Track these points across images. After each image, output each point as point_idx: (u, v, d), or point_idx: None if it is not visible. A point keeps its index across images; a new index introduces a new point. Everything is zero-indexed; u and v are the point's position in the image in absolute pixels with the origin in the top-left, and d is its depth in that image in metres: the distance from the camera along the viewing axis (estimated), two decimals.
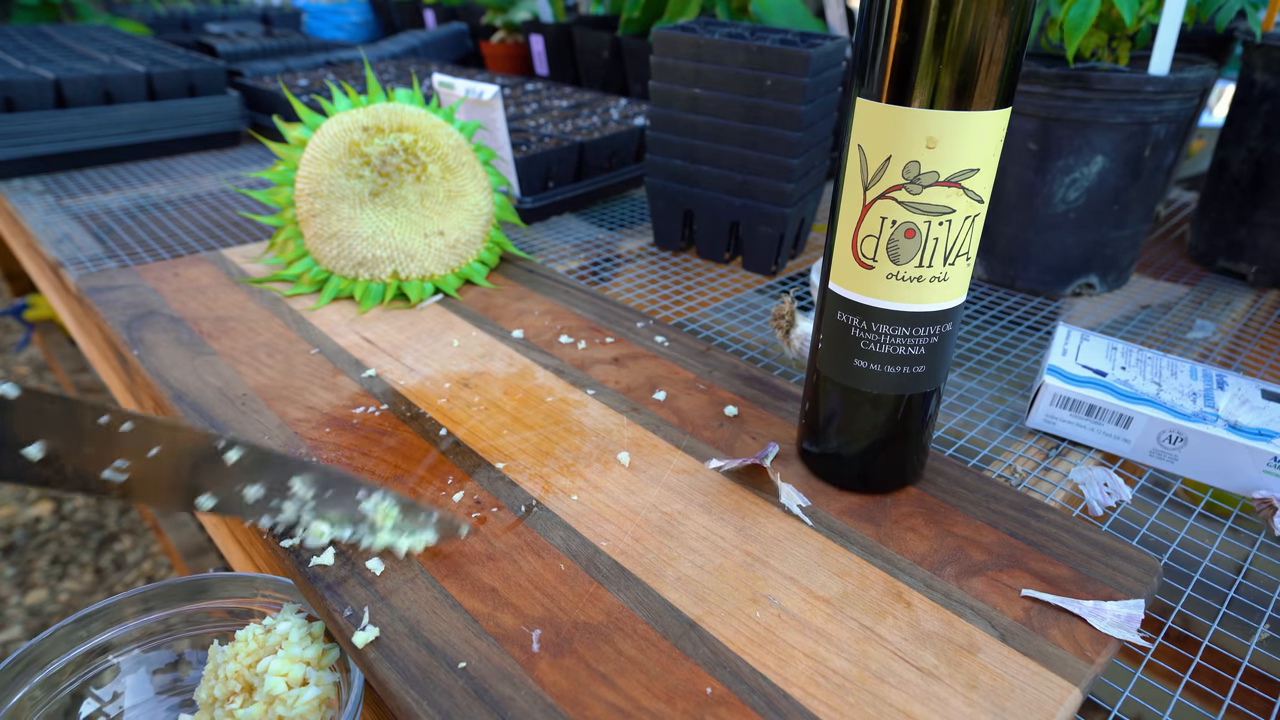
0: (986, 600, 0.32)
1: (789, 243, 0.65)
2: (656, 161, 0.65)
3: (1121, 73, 0.54)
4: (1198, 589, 0.35)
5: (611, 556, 0.33)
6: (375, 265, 0.56)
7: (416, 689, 0.27)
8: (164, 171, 0.84)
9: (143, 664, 0.33)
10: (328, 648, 0.32)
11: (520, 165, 0.70)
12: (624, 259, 0.68)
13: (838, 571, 0.33)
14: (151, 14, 1.59)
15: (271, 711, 0.29)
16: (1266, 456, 0.39)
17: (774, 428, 0.43)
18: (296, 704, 0.29)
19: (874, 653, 0.29)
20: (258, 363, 0.47)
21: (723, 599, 0.31)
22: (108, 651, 0.32)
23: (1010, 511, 0.37)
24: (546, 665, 0.28)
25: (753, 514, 0.36)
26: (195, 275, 0.58)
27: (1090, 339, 0.48)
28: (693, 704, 0.27)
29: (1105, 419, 0.43)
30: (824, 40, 0.60)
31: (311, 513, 0.33)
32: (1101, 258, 0.62)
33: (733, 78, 0.59)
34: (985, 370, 0.52)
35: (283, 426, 0.41)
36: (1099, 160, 0.57)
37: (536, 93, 1.01)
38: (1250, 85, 0.63)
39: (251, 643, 0.31)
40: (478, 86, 0.66)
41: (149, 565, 1.36)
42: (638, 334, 0.52)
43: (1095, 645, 0.30)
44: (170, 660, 0.33)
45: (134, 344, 0.48)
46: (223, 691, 0.30)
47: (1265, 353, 0.56)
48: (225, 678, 0.30)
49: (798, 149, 0.59)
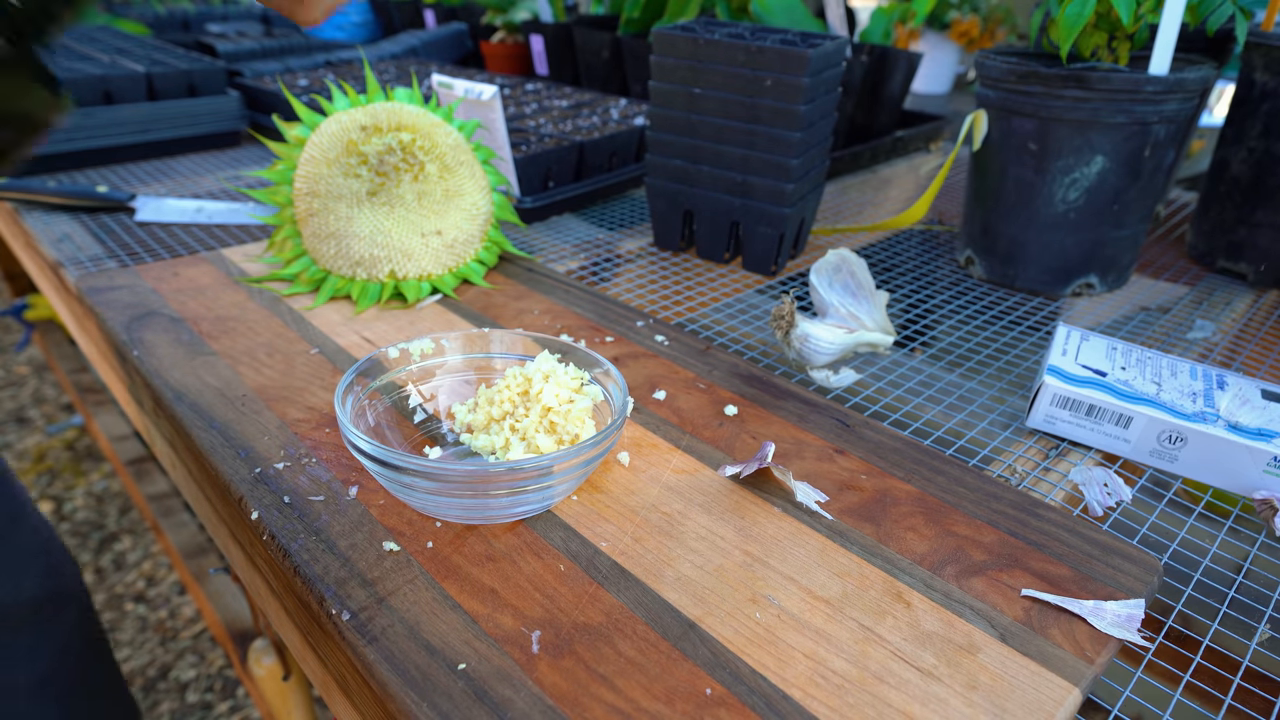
0: (986, 600, 0.32)
1: (789, 243, 0.65)
2: (656, 161, 0.65)
3: (1121, 73, 0.54)
4: (1198, 589, 0.35)
5: (611, 557, 0.33)
6: (372, 265, 0.55)
7: (416, 690, 0.27)
8: (164, 171, 0.84)
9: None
10: (583, 374, 0.39)
11: (520, 165, 0.70)
12: (624, 259, 0.68)
13: (837, 571, 0.33)
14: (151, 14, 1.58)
15: (545, 420, 0.37)
16: (1266, 456, 0.39)
17: (774, 427, 0.43)
18: (570, 414, 0.37)
19: (874, 653, 0.29)
20: (257, 363, 0.47)
21: (722, 599, 0.31)
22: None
23: (1010, 511, 0.37)
24: (546, 666, 0.28)
25: (752, 514, 0.36)
26: (195, 275, 0.58)
27: (1090, 339, 0.48)
28: (692, 705, 0.27)
29: (1105, 419, 0.43)
30: (824, 40, 0.60)
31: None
32: (1101, 258, 0.62)
33: (733, 78, 0.59)
34: (985, 370, 0.52)
35: (283, 426, 0.41)
36: (1099, 160, 0.57)
37: (536, 93, 1.01)
38: (1250, 85, 0.63)
39: (519, 377, 0.39)
40: (476, 87, 0.66)
41: (149, 565, 1.36)
42: (637, 333, 0.52)
43: (1095, 645, 0.30)
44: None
45: (134, 344, 0.48)
46: (499, 412, 0.39)
47: (1265, 353, 0.56)
48: (501, 401, 0.39)
49: (798, 149, 0.59)
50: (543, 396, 0.38)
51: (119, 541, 1.42)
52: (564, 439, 0.37)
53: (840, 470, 0.39)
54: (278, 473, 0.38)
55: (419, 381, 0.42)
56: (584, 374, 0.40)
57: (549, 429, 0.38)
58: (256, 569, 0.41)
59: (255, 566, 0.41)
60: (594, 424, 0.38)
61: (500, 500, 0.33)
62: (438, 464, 0.32)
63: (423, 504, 0.34)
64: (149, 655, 1.20)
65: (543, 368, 0.39)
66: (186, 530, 1.14)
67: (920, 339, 0.57)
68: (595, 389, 0.39)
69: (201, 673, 1.18)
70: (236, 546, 0.44)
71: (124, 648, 1.21)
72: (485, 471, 0.33)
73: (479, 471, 0.33)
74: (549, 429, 0.38)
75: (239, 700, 1.14)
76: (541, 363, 0.39)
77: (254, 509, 0.35)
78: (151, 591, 1.32)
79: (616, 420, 0.35)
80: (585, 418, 0.38)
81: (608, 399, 0.39)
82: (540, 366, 0.39)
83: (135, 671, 1.17)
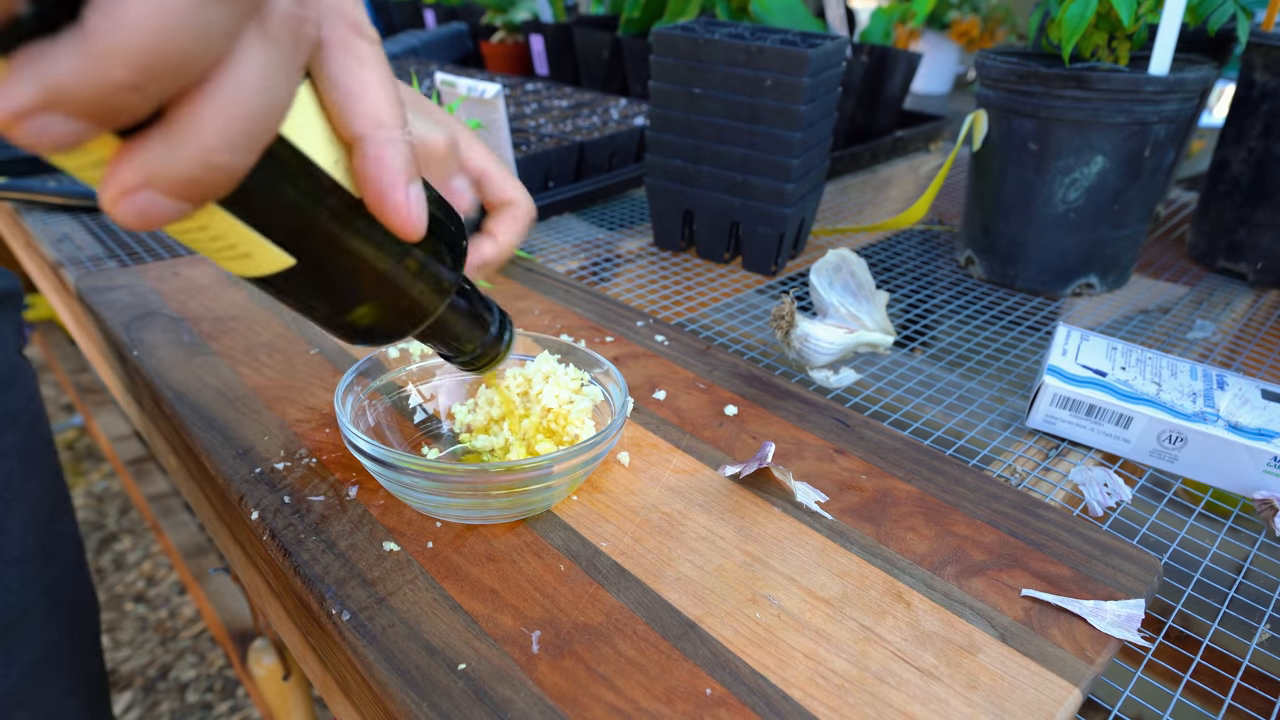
0: (986, 600, 0.32)
1: (789, 243, 0.65)
2: (656, 161, 0.65)
3: (1121, 73, 0.54)
4: (1198, 589, 0.35)
5: (611, 557, 0.33)
6: None
7: (416, 690, 0.27)
8: None
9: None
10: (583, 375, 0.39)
11: (520, 165, 0.70)
12: (624, 259, 0.68)
13: (837, 571, 0.33)
14: None
15: (545, 421, 0.38)
16: (1266, 456, 0.39)
17: (774, 427, 0.43)
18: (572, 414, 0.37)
19: (874, 653, 0.29)
20: (257, 363, 0.47)
21: (722, 599, 0.31)
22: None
23: (1010, 511, 0.37)
24: (546, 666, 0.28)
25: (752, 514, 0.36)
26: (195, 275, 0.58)
27: (1090, 339, 0.48)
28: (692, 705, 0.27)
29: (1105, 419, 0.43)
30: (824, 40, 0.60)
31: None
32: (1101, 258, 0.62)
33: (733, 78, 0.59)
34: (985, 370, 0.52)
35: (283, 426, 0.41)
36: (1099, 160, 0.57)
37: (536, 93, 1.01)
38: (1250, 85, 0.63)
39: (519, 377, 0.39)
40: (480, 85, 0.66)
41: (149, 565, 1.36)
42: (637, 333, 0.52)
43: (1095, 645, 0.30)
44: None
45: (134, 344, 0.48)
46: (499, 413, 0.39)
47: (1265, 353, 0.56)
48: (500, 402, 0.39)
49: (798, 149, 0.59)
50: (543, 397, 0.38)
51: (119, 541, 1.42)
52: (564, 439, 0.37)
53: (840, 470, 0.39)
54: (277, 473, 0.38)
55: (419, 381, 0.42)
56: (584, 374, 0.40)
57: (549, 430, 0.38)
58: (256, 569, 0.41)
59: (255, 566, 0.41)
60: (594, 424, 0.38)
61: (500, 501, 0.33)
62: (437, 464, 0.32)
63: (422, 504, 0.34)
64: (149, 655, 1.20)
65: (543, 368, 0.39)
66: (186, 530, 1.14)
67: (920, 339, 0.57)
68: (595, 389, 0.39)
69: (201, 673, 1.18)
70: (236, 546, 0.44)
71: (124, 648, 1.21)
72: (485, 472, 0.33)
73: (479, 472, 0.33)
74: (549, 430, 0.38)
75: (239, 700, 1.14)
76: (541, 363, 0.40)
77: (254, 509, 0.35)
78: (151, 591, 1.32)
79: (616, 421, 0.35)
80: (585, 418, 0.38)
81: (608, 399, 0.39)
82: (540, 367, 0.39)
83: (135, 671, 1.17)
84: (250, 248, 0.21)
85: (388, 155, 0.22)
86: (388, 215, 0.22)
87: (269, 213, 0.20)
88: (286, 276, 0.22)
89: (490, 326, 0.31)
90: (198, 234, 0.20)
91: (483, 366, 0.32)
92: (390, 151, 0.22)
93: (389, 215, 0.22)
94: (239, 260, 0.21)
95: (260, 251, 0.21)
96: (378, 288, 0.24)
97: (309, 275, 0.22)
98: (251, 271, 0.22)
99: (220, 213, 0.19)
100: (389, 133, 0.22)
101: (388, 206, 0.22)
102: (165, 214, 0.17)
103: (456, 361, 0.32)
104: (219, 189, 0.18)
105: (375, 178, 0.22)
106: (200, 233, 0.20)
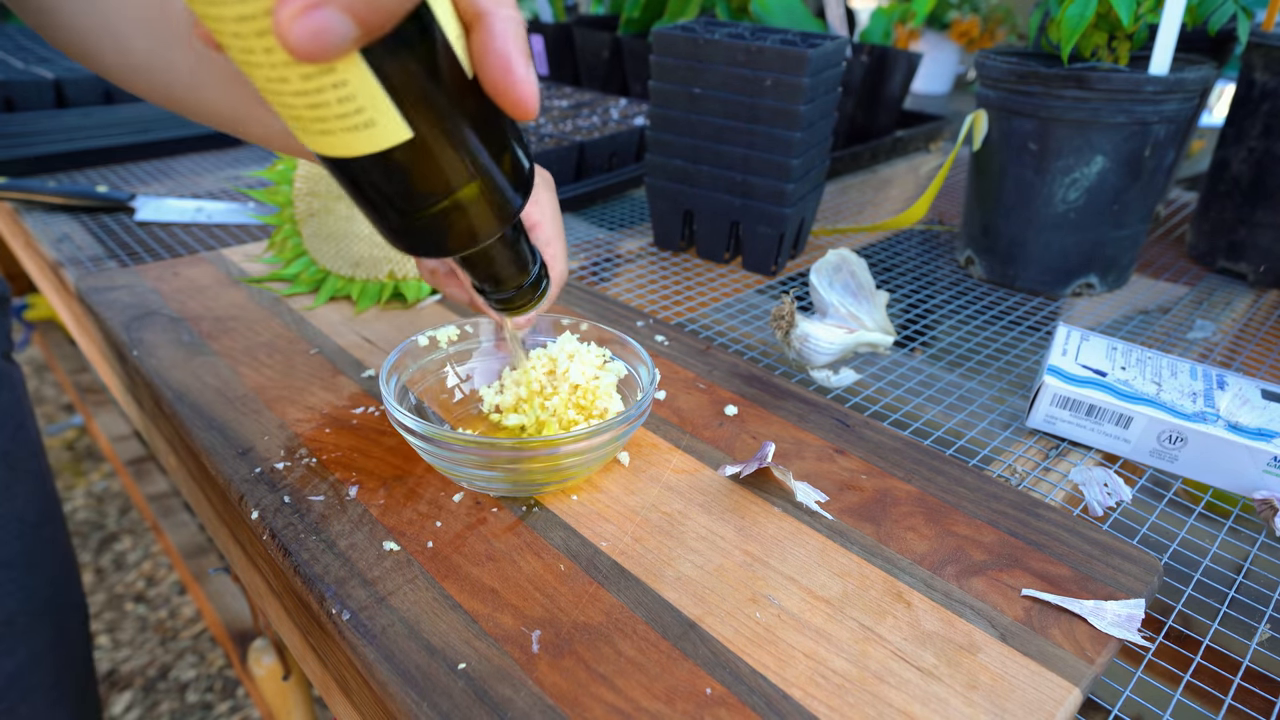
0: (986, 600, 0.32)
1: (789, 243, 0.65)
2: (656, 161, 0.65)
3: (1121, 73, 0.54)
4: (1198, 589, 0.35)
5: (611, 557, 0.33)
6: (372, 265, 0.55)
7: (416, 690, 0.27)
8: (164, 171, 0.84)
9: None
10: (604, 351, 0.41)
11: None
12: (624, 259, 0.68)
13: (838, 571, 0.33)
14: None
15: (574, 397, 0.40)
16: (1267, 456, 0.39)
17: (774, 427, 0.43)
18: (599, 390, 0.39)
19: (874, 653, 0.29)
20: (257, 363, 0.47)
21: (722, 599, 0.31)
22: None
23: (1010, 511, 0.37)
24: (546, 666, 0.28)
25: (752, 514, 0.36)
26: (195, 275, 0.58)
27: (1090, 339, 0.48)
28: (692, 704, 0.27)
29: (1105, 419, 0.43)
30: (824, 40, 0.60)
31: None
32: (1101, 258, 0.62)
33: (733, 78, 0.59)
34: (985, 370, 0.52)
35: (283, 426, 0.41)
36: (1099, 160, 0.57)
37: None
38: (1250, 85, 0.63)
39: (543, 357, 0.41)
40: None
41: (149, 565, 1.36)
42: (637, 333, 0.52)
43: (1095, 645, 0.30)
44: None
45: (134, 344, 0.48)
46: (528, 391, 0.40)
47: (1265, 353, 0.56)
48: (528, 381, 0.40)
49: (797, 149, 0.59)
50: (570, 375, 0.40)
51: (119, 541, 1.42)
52: (593, 414, 0.39)
53: (840, 470, 0.39)
54: (277, 472, 0.38)
55: (456, 362, 0.43)
56: (605, 351, 0.42)
57: (579, 406, 0.40)
58: (256, 569, 0.41)
59: (255, 566, 0.41)
60: (620, 398, 0.40)
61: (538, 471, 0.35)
62: (483, 439, 0.34)
63: (469, 479, 0.36)
64: (149, 655, 1.20)
65: (566, 348, 0.41)
66: (186, 530, 1.14)
67: (920, 339, 0.57)
68: (618, 364, 0.41)
69: (201, 673, 1.18)
70: (236, 546, 0.44)
71: (124, 648, 1.21)
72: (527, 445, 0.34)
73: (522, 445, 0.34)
74: (579, 406, 0.40)
75: (239, 700, 1.14)
76: (564, 343, 0.42)
77: (254, 509, 0.35)
78: (151, 591, 1.32)
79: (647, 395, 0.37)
80: (611, 392, 0.40)
81: (631, 373, 0.41)
82: (564, 347, 0.41)
83: (135, 671, 1.17)
84: (375, 114, 0.20)
85: (513, 32, 0.22)
86: (511, 88, 0.22)
87: (404, 74, 0.20)
88: (390, 155, 0.22)
89: (531, 270, 0.32)
90: (330, 92, 0.20)
91: (516, 308, 0.33)
92: (515, 29, 0.22)
93: (511, 88, 0.22)
94: (354, 132, 0.21)
95: (384, 118, 0.21)
96: (470, 179, 0.24)
97: (414, 156, 0.22)
98: (363, 145, 0.21)
99: (361, 67, 0.19)
100: (510, 10, 0.22)
101: (512, 80, 0.22)
102: (338, 36, 0.17)
103: (492, 298, 0.33)
104: (394, 14, 0.18)
105: (502, 51, 0.22)
106: (332, 91, 0.20)
